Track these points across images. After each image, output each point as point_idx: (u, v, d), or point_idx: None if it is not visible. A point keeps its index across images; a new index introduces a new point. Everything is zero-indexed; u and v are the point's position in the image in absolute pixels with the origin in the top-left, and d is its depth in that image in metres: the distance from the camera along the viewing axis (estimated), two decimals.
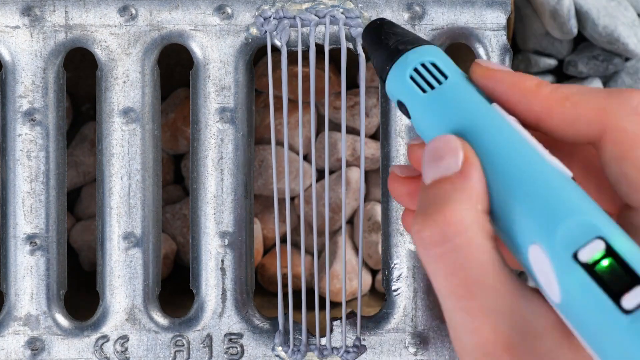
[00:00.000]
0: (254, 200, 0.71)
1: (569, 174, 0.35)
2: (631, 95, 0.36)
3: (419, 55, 0.41)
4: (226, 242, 0.59)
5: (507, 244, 0.35)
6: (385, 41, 0.42)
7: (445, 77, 0.39)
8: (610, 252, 0.32)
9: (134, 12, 0.59)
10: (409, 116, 0.40)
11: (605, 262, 0.31)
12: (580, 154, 0.38)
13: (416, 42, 0.42)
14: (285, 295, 0.65)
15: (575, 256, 0.32)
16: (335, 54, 0.62)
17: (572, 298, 0.32)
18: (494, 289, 0.34)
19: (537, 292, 0.35)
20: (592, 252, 0.32)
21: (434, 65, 0.40)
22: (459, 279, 0.34)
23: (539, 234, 0.33)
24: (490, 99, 0.38)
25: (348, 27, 0.58)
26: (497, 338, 0.33)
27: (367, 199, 0.73)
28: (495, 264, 0.34)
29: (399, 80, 0.40)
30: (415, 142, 0.41)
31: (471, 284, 0.34)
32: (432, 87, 0.39)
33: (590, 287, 0.31)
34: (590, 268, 0.31)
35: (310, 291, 0.71)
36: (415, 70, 0.40)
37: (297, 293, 0.60)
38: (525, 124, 0.38)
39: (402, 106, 0.41)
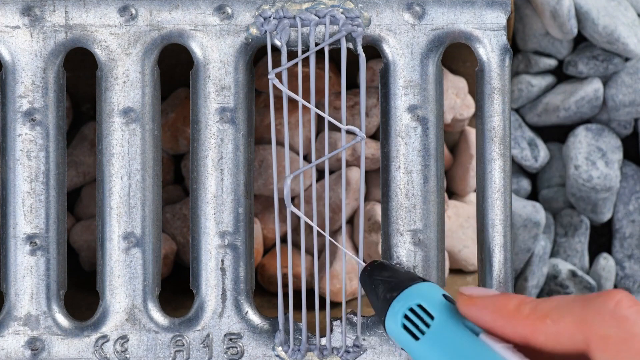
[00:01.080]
0: (254, 200, 0.71)
1: None
2: (606, 299, 0.37)
3: (405, 302, 0.44)
4: (226, 242, 0.59)
5: None
6: (376, 290, 0.46)
7: (432, 317, 0.41)
8: None
9: (134, 12, 0.59)
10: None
11: None
12: None
13: (401, 285, 0.44)
14: (285, 295, 0.65)
15: None
16: (335, 54, 0.62)
17: None
18: None
19: None
20: None
21: (420, 306, 0.43)
22: None
23: None
24: (479, 328, 0.40)
25: (349, 33, 0.58)
26: None
27: (367, 199, 0.73)
28: None
29: (395, 330, 0.44)
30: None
31: None
32: (422, 332, 0.41)
33: None
34: None
35: (310, 291, 0.71)
36: (406, 316, 0.43)
37: (297, 293, 0.60)
38: (517, 346, 0.39)
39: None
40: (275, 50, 0.60)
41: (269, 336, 0.60)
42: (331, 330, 0.59)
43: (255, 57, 0.62)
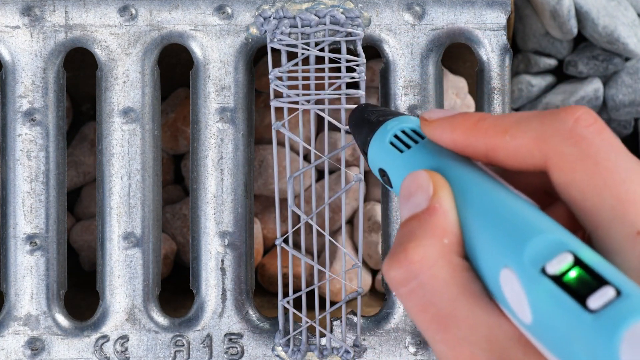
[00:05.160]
0: (254, 200, 0.71)
1: (535, 204, 0.36)
2: (565, 116, 0.36)
3: (399, 123, 0.43)
4: (226, 242, 0.59)
5: (481, 274, 0.36)
6: (368, 117, 0.46)
7: (423, 138, 0.42)
8: (578, 263, 0.32)
9: (134, 12, 0.59)
10: (390, 184, 0.43)
11: (573, 273, 0.32)
12: (541, 183, 0.38)
13: (396, 114, 0.45)
14: (285, 295, 0.65)
15: (543, 270, 0.32)
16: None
17: (541, 311, 0.32)
18: (467, 321, 0.34)
19: None
20: (560, 264, 0.32)
21: (413, 130, 0.42)
22: (430, 315, 0.35)
23: (509, 256, 0.34)
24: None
25: (348, 32, 0.58)
26: None
27: (367, 199, 0.73)
28: (467, 295, 0.35)
29: (380, 147, 0.43)
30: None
31: (443, 317, 0.35)
32: (409, 148, 0.42)
33: (558, 295, 0.32)
34: (558, 279, 0.32)
35: (310, 291, 0.71)
36: (395, 136, 0.43)
37: (296, 292, 0.60)
38: (483, 162, 0.39)
39: (383, 175, 0.43)
40: (275, 50, 0.60)
41: (269, 336, 0.60)
42: (331, 330, 0.59)
43: (255, 57, 0.62)
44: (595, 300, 0.31)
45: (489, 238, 0.35)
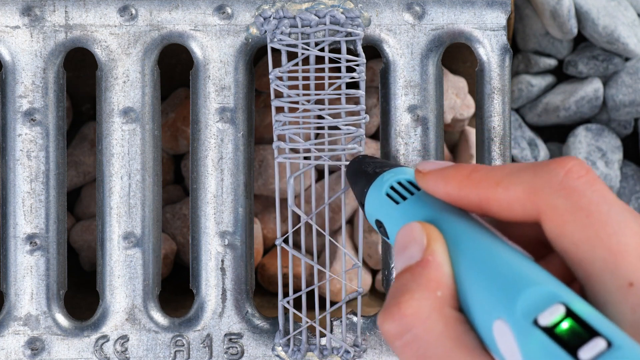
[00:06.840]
0: (254, 200, 0.71)
1: (529, 256, 0.36)
2: (556, 168, 0.36)
3: (394, 175, 0.44)
4: (226, 242, 0.59)
5: (475, 326, 0.36)
6: (365, 169, 0.46)
7: (418, 189, 0.42)
8: (570, 314, 0.32)
9: (134, 12, 0.59)
10: (387, 235, 0.43)
11: (565, 325, 0.32)
12: (536, 233, 0.38)
13: (393, 165, 0.46)
14: (285, 295, 0.65)
15: (535, 322, 0.33)
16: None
17: None
18: None
19: None
20: (552, 316, 0.33)
21: (409, 182, 0.43)
22: None
23: (502, 307, 0.34)
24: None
25: (348, 31, 0.58)
26: None
27: None
28: (462, 348, 0.35)
29: (376, 198, 0.44)
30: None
31: None
32: (404, 199, 0.42)
33: (549, 347, 0.32)
34: (549, 330, 0.32)
35: (310, 291, 0.71)
36: (392, 188, 0.43)
37: (296, 292, 0.60)
38: (478, 214, 0.39)
39: (380, 226, 0.44)
40: (276, 50, 0.60)
41: (269, 336, 0.60)
42: (331, 330, 0.59)
43: (255, 57, 0.62)
44: (587, 352, 0.31)
45: (482, 290, 0.35)
